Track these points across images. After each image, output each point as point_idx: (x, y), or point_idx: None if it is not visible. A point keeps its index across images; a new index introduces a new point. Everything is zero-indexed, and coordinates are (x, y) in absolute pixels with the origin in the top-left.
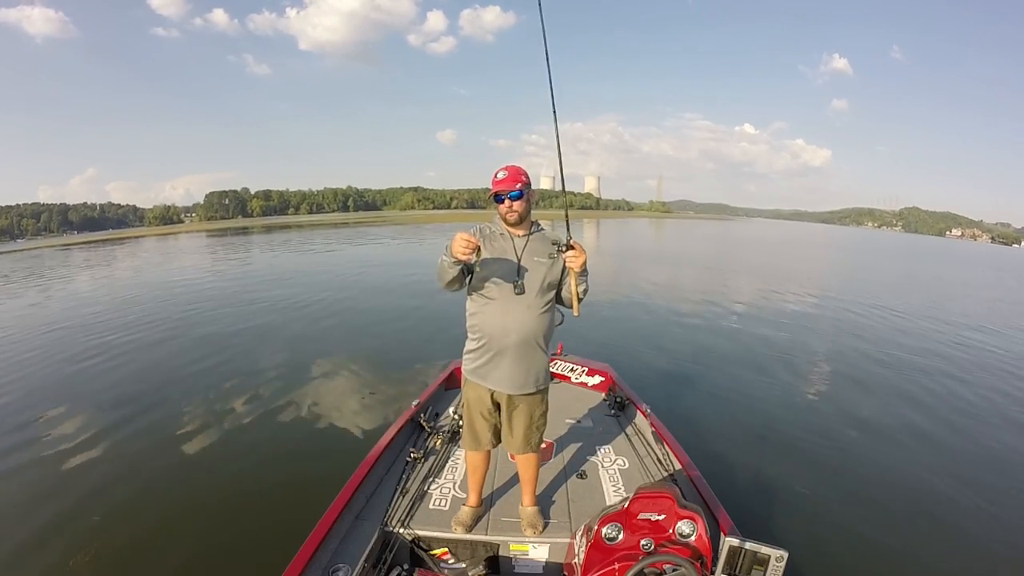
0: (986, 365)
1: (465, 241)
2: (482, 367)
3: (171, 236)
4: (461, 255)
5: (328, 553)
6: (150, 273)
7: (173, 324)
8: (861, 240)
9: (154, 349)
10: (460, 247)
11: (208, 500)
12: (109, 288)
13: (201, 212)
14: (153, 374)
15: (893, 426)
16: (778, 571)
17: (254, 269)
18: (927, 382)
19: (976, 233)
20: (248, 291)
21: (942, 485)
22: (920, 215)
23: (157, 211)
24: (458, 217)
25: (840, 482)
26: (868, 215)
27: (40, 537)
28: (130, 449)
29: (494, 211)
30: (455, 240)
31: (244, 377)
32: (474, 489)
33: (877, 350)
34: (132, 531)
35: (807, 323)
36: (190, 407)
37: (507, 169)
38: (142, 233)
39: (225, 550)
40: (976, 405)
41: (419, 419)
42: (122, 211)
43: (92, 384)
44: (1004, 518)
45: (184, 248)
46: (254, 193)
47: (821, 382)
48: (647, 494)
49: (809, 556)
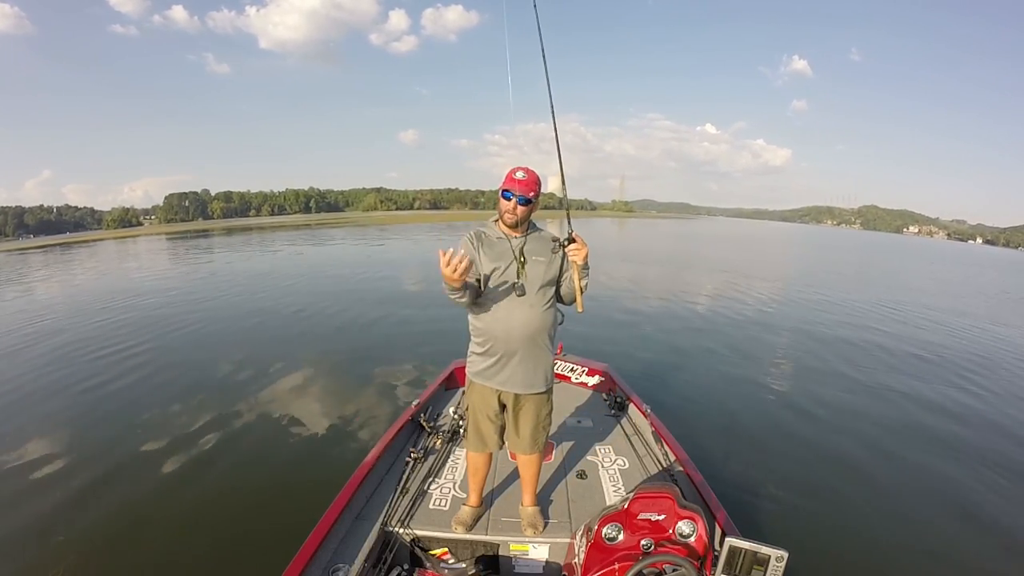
0: (996, 362)
1: (451, 268)
2: (489, 368)
3: (130, 240)
4: (456, 282)
5: (328, 553)
6: (136, 276)
7: (172, 325)
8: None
9: (154, 349)
10: (449, 274)
11: (208, 501)
12: (87, 292)
13: (161, 214)
14: (153, 374)
15: (894, 426)
16: (778, 571)
17: (228, 272)
18: (929, 381)
19: (932, 230)
20: (225, 295)
21: (943, 484)
22: (878, 213)
23: (115, 214)
24: (421, 218)
25: (840, 482)
26: (828, 213)
27: (49, 531)
28: (130, 450)
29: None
30: (443, 272)
31: (243, 378)
32: (474, 489)
33: (876, 349)
34: (133, 532)
35: (807, 323)
36: (190, 409)
37: (526, 171)
38: (100, 236)
39: (226, 550)
40: (980, 405)
41: (419, 419)
42: (79, 214)
43: (87, 388)
44: (1005, 517)
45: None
46: (214, 195)
47: (821, 382)
48: (647, 494)
49: (809, 556)
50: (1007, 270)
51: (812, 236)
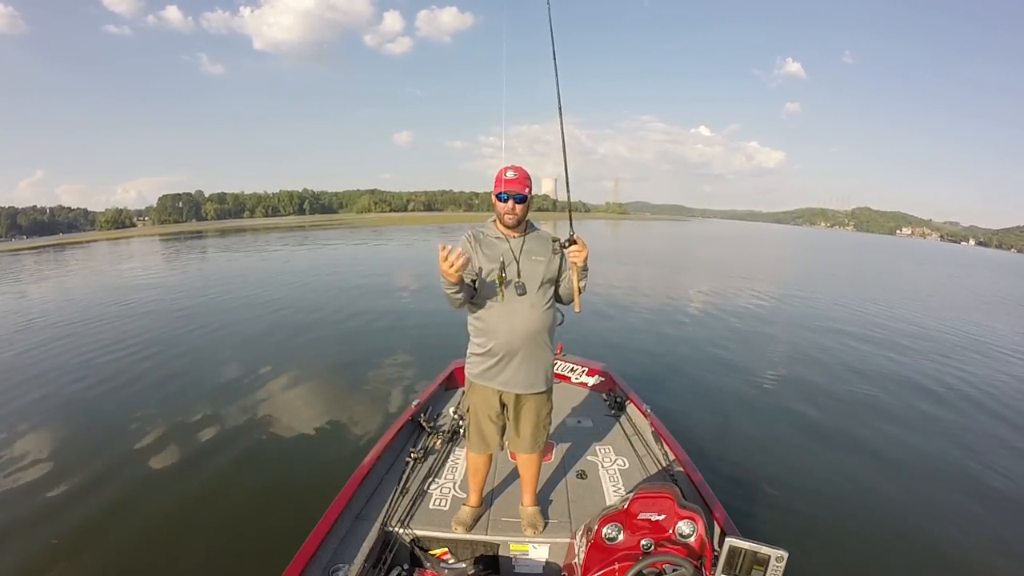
0: (997, 358)
1: (447, 263)
2: (490, 369)
3: (123, 241)
4: (453, 277)
5: (328, 553)
6: (129, 276)
7: (172, 326)
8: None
9: (153, 350)
10: (447, 270)
11: (208, 501)
12: (95, 291)
13: (154, 215)
14: (152, 375)
15: (894, 426)
16: (778, 571)
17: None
18: (932, 382)
19: (925, 231)
20: (224, 296)
21: (943, 484)
22: (871, 214)
23: (109, 215)
24: (415, 220)
25: (841, 481)
26: (821, 215)
27: (49, 532)
28: (129, 450)
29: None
30: (440, 267)
31: (242, 379)
32: (475, 489)
33: (876, 350)
34: (133, 532)
35: (806, 322)
36: (190, 409)
37: (516, 170)
38: (93, 238)
39: (226, 550)
40: (984, 401)
41: (419, 419)
42: (73, 215)
43: (83, 389)
44: (1006, 516)
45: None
46: (208, 196)
47: (821, 382)
48: (647, 494)
49: (809, 556)
50: (997, 271)
51: (805, 238)
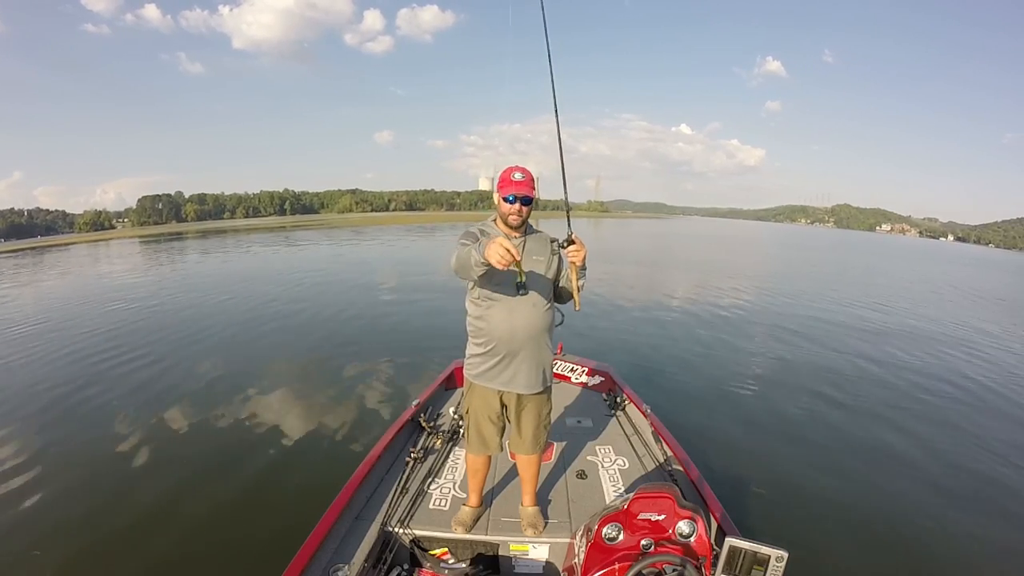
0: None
1: (505, 251)
2: (491, 370)
3: (103, 243)
4: (497, 263)
5: (328, 553)
6: (112, 280)
7: (172, 326)
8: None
9: (150, 351)
10: (498, 255)
11: (209, 501)
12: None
13: (134, 217)
14: (150, 376)
15: (894, 426)
16: (778, 571)
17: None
18: (934, 382)
19: (905, 228)
20: (216, 298)
21: (943, 484)
22: (851, 211)
23: (88, 217)
24: (397, 220)
25: (841, 481)
26: (802, 212)
27: (47, 535)
28: (129, 451)
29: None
30: (494, 246)
31: (240, 380)
32: (475, 489)
33: (876, 350)
34: (132, 533)
35: (805, 322)
36: (189, 410)
37: (523, 171)
38: (72, 240)
39: (225, 550)
40: (983, 402)
41: (419, 419)
42: (51, 217)
43: (74, 391)
44: (1006, 515)
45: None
46: (188, 197)
47: (821, 382)
48: (647, 494)
49: (809, 556)
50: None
51: (787, 235)
